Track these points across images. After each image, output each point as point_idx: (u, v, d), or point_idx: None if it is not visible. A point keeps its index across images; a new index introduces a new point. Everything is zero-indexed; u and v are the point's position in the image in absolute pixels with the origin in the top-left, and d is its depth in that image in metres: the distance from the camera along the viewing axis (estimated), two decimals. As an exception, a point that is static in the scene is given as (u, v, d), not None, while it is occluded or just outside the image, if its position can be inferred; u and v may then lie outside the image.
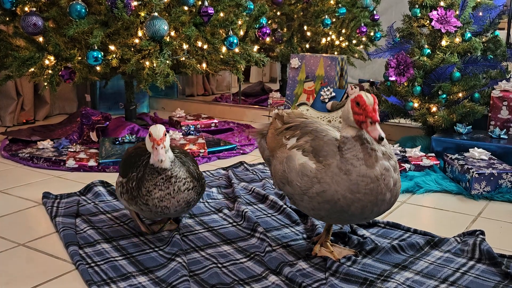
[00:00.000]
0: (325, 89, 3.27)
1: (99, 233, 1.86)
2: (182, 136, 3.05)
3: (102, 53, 2.56)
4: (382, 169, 1.49)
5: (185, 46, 2.77)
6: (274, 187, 2.30)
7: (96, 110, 3.60)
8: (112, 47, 2.66)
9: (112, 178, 2.52)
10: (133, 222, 1.93)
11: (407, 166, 2.56)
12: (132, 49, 2.67)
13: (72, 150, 2.83)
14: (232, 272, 1.60)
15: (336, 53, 4.20)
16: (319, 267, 1.64)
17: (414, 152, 2.66)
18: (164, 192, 1.66)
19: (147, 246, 1.77)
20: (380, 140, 1.43)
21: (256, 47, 3.96)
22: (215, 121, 3.59)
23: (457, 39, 2.80)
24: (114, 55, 2.62)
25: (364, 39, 4.24)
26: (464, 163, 2.39)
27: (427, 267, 1.64)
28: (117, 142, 2.92)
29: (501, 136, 2.72)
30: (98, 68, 2.72)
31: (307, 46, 4.24)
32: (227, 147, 3.01)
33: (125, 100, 3.37)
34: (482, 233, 1.82)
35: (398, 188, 1.57)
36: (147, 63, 2.64)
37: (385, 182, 1.50)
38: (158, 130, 1.63)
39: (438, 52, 2.78)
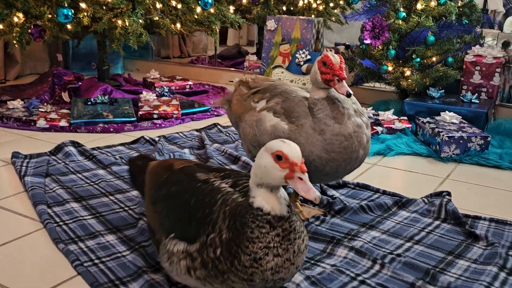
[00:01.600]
0: (301, 52, 3.25)
1: (68, 193, 1.85)
2: (156, 97, 3.01)
3: (73, 11, 2.50)
4: (355, 126, 1.51)
5: (158, 6, 2.72)
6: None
7: (68, 70, 3.53)
8: (83, 5, 2.59)
9: (84, 138, 2.49)
10: None
11: (379, 129, 2.58)
12: (104, 8, 2.61)
13: (43, 110, 2.79)
14: (202, 231, 1.61)
15: (313, 16, 4.16)
16: (288, 226, 1.65)
17: (387, 115, 2.68)
18: (282, 259, 1.03)
19: (117, 206, 1.77)
20: (348, 96, 1.44)
21: (232, 8, 3.91)
22: (190, 83, 3.56)
23: (433, 3, 2.79)
24: (85, 13, 2.56)
25: (341, 2, 4.21)
26: (435, 126, 2.42)
27: (393, 226, 1.67)
28: (89, 103, 2.88)
29: (473, 100, 2.75)
30: (68, 26, 2.65)
31: (284, 8, 4.19)
32: (201, 109, 2.99)
33: (98, 61, 3.30)
34: (449, 194, 1.86)
35: (369, 145, 1.59)
36: (120, 22, 2.58)
37: (358, 139, 1.52)
38: (295, 148, 1.01)
39: (413, 16, 2.77)
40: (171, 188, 1.21)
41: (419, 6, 2.79)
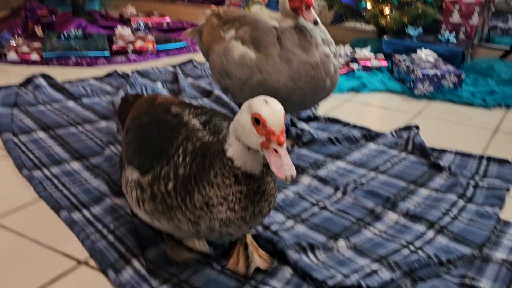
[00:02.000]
0: (280, -12, 3.18)
1: (36, 123, 1.83)
2: (131, 32, 2.95)
3: None
4: (322, 55, 1.50)
5: None
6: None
7: (42, 4, 3.43)
8: None
9: (56, 72, 2.45)
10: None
11: (355, 66, 2.56)
12: None
13: (14, 43, 2.72)
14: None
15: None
16: (255, 156, 1.66)
17: (363, 53, 2.65)
18: (236, 215, 0.96)
19: (84, 136, 1.75)
20: (315, 23, 1.43)
21: None
22: (168, 20, 3.48)
23: None
24: None
25: None
26: (410, 64, 2.41)
27: (360, 158, 1.68)
28: (63, 37, 2.81)
29: (450, 39, 2.72)
30: (38, -45, 2.55)
31: None
32: (178, 44, 2.94)
33: (72, -6, 3.21)
34: (417, 127, 1.86)
35: (338, 75, 1.59)
36: (90, -49, 2.49)
37: (325, 69, 1.51)
38: (277, 114, 0.86)
39: (393, -49, 2.70)
40: (143, 119, 1.15)
41: None
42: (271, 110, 0.84)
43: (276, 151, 0.83)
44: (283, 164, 0.82)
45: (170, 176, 0.98)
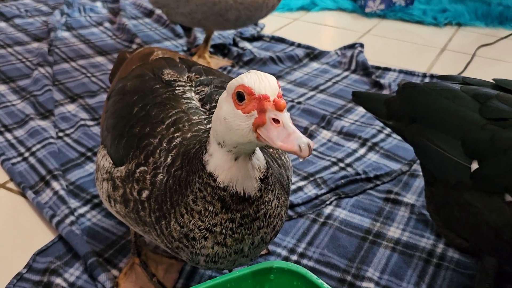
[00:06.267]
0: None
1: (-38, 44, 1.72)
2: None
3: None
4: None
5: None
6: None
7: None
8: None
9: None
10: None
11: (306, -16, 2.46)
12: None
13: None
14: (102, 81, 1.55)
15: None
16: (192, 76, 1.60)
17: (316, -30, 2.55)
18: (228, 250, 0.70)
19: (13, 58, 1.66)
20: None
21: None
22: None
23: None
24: None
25: None
26: (362, -20, 2.32)
27: (301, 77, 1.64)
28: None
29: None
30: None
31: None
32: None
33: None
34: (361, 45, 1.82)
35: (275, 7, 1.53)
36: None
37: (268, 5, 1.45)
38: (264, 76, 0.61)
39: None
40: (128, 83, 0.87)
41: None
42: (257, 75, 0.60)
43: (276, 121, 0.58)
44: (290, 133, 0.57)
45: (146, 182, 0.72)
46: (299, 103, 1.46)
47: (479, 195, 0.77)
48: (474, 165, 0.77)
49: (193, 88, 0.83)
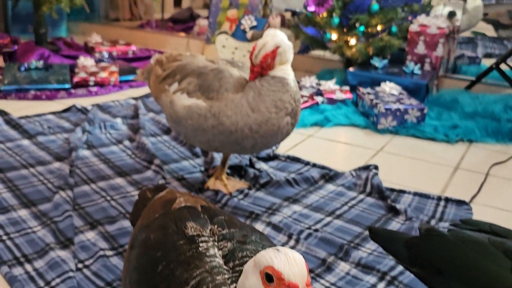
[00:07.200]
0: (246, 18, 3.17)
1: (-14, 165, 1.77)
2: (94, 63, 2.91)
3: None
4: (286, 123, 1.49)
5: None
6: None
7: (5, 33, 3.37)
8: (10, -36, 2.45)
9: (14, 106, 2.39)
10: None
11: (319, 99, 2.55)
12: (34, -33, 2.47)
13: (-27, 75, 2.66)
14: (121, 205, 1.57)
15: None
16: (210, 200, 1.62)
17: (329, 85, 2.65)
18: None
19: (35, 179, 1.70)
20: None
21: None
22: (133, 48, 3.45)
23: (378, -30, 2.74)
24: (13, -27, 2.42)
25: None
26: (374, 97, 2.40)
27: (317, 200, 1.66)
28: (23, 68, 2.76)
29: (415, 71, 2.73)
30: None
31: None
32: (142, 76, 2.90)
33: (34, 23, 3.16)
34: (376, 167, 1.85)
35: (292, 130, 1.58)
36: (51, -17, 2.45)
37: (283, 132, 1.50)
38: (295, 261, 0.64)
39: (357, -17, 2.72)
40: (151, 235, 0.88)
41: (364, -27, 2.73)
42: (286, 258, 0.62)
43: None
44: None
45: None
46: (316, 230, 1.46)
47: None
48: None
49: (216, 243, 0.84)
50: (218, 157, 1.90)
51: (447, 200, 1.69)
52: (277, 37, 1.45)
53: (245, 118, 1.45)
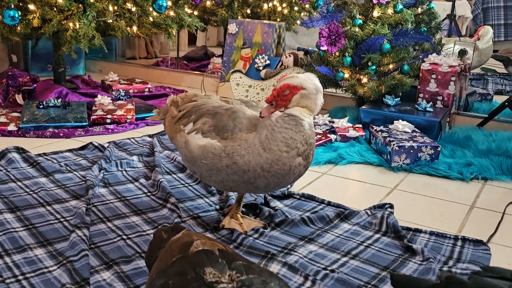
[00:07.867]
0: (260, 57, 3.23)
1: (4, 202, 1.79)
2: (111, 101, 2.96)
3: (20, 12, 2.43)
4: (298, 163, 1.49)
5: (111, 8, 2.67)
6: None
7: (25, 71, 3.45)
8: (31, 6, 2.53)
9: (32, 144, 2.43)
10: None
11: (333, 137, 2.56)
12: (54, 9, 2.55)
13: (-8, 113, 2.71)
14: (137, 244, 1.58)
15: (278, 19, 4.14)
16: (225, 239, 1.62)
17: (342, 123, 2.67)
18: None
19: (52, 217, 1.72)
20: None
21: (194, 12, 3.87)
22: (149, 86, 3.51)
23: (390, 10, 2.79)
24: (34, 15, 2.50)
25: (306, 6, 4.19)
26: (387, 135, 2.41)
27: (333, 240, 1.65)
28: (41, 106, 2.81)
29: (427, 109, 2.75)
30: (18, 27, 2.59)
31: (248, 11, 4.16)
32: (157, 113, 2.94)
33: (53, 62, 3.23)
34: (391, 206, 1.85)
35: (303, 172, 1.59)
36: (70, 24, 2.53)
37: (295, 172, 1.51)
38: None
39: (369, 23, 2.76)
40: (170, 281, 0.88)
41: (375, 13, 2.78)
42: None
43: None
44: None
45: None
46: (332, 271, 1.45)
47: None
48: None
49: None
50: (233, 195, 1.91)
51: (464, 239, 1.67)
52: (309, 81, 1.45)
53: (257, 158, 1.47)
